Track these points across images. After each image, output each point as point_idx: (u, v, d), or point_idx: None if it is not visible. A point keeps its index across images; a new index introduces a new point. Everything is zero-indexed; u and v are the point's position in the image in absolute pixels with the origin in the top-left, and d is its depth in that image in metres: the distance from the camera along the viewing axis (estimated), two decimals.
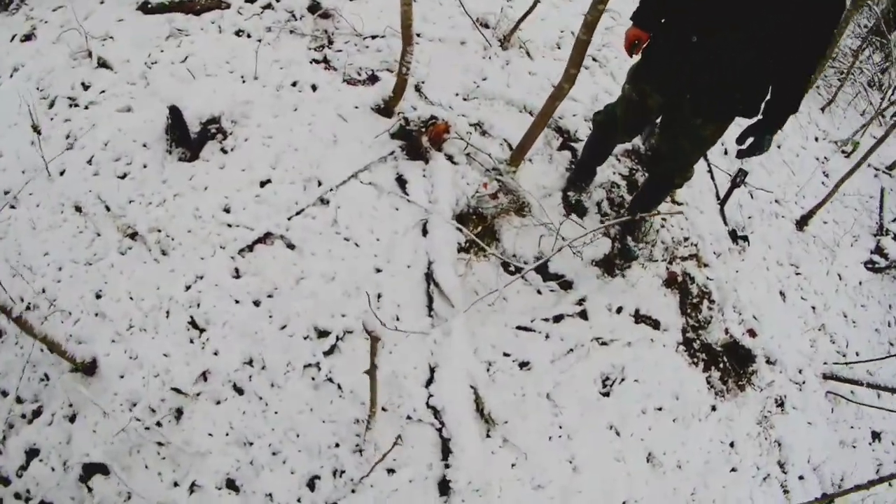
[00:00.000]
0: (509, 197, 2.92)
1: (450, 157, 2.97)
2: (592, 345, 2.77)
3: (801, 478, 3.07)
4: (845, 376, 3.28)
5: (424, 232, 2.70)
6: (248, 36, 3.21)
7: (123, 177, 2.66)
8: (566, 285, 2.88)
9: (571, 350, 2.72)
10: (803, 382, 3.26)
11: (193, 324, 2.35)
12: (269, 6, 3.36)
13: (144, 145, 2.74)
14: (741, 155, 2.28)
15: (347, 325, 2.40)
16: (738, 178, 3.55)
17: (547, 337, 2.72)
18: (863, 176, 4.49)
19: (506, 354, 2.62)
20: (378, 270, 2.57)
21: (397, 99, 2.92)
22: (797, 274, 3.68)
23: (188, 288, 2.41)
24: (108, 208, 2.57)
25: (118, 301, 2.36)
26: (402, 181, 2.83)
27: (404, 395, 2.35)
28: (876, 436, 3.51)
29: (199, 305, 2.38)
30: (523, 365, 2.62)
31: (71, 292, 2.37)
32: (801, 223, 3.90)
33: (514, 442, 2.41)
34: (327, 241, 2.57)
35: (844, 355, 3.58)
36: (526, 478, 2.37)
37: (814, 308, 3.62)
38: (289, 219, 2.59)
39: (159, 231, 2.50)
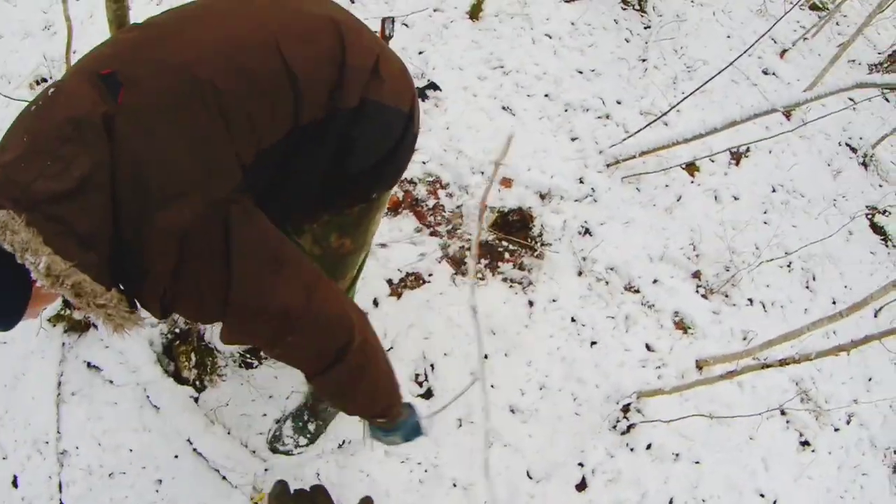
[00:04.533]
0: None
1: None
2: None
3: (655, 282, 3.62)
4: (629, 154, 3.78)
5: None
6: None
7: None
8: None
9: None
10: (592, 190, 3.73)
11: None
12: None
13: None
14: None
15: None
16: (388, 30, 3.67)
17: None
18: None
19: None
20: (159, 482, 2.62)
21: None
22: (506, 73, 4.06)
23: None
24: None
25: None
26: (95, 368, 2.83)
27: None
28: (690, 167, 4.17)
29: None
30: None
31: None
32: (474, 13, 4.24)
33: None
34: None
35: (608, 116, 4.12)
36: None
37: (547, 95, 4.06)
38: None
39: None
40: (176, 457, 2.64)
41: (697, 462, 3.22)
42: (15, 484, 2.59)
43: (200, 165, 1.52)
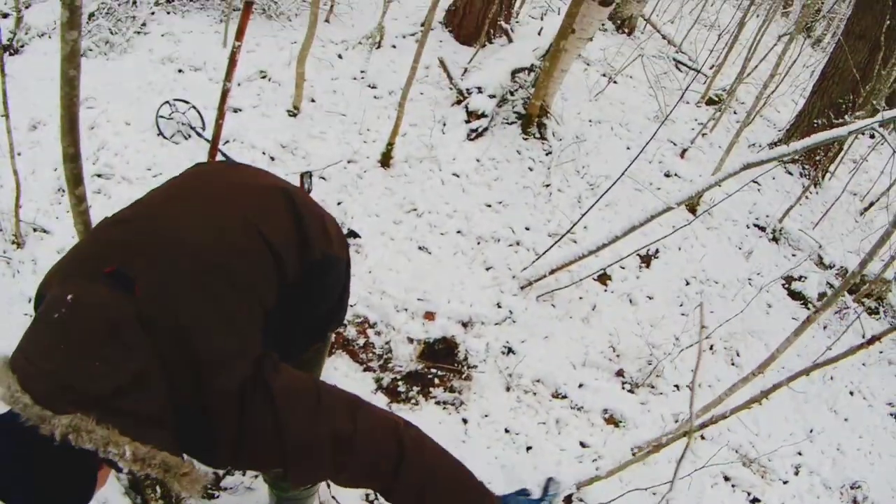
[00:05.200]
0: None
1: None
2: None
3: (580, 386, 4.09)
4: (540, 274, 4.33)
5: None
6: None
7: None
8: None
9: None
10: (510, 312, 4.25)
11: None
12: None
13: None
14: None
15: None
16: (307, 184, 4.18)
17: None
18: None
19: None
20: None
21: None
22: (419, 215, 4.64)
23: None
24: None
25: None
26: None
27: None
28: (604, 277, 4.72)
29: None
30: None
31: None
32: (385, 160, 4.87)
33: None
34: None
35: (519, 243, 4.69)
36: None
37: (460, 231, 4.63)
38: None
39: None
40: None
41: None
42: None
43: (235, 335, 1.74)
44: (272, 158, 4.83)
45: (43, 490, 1.53)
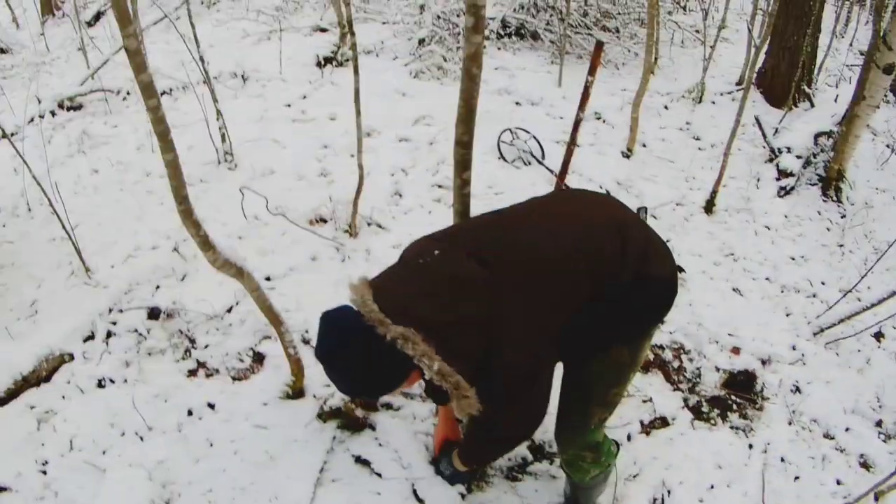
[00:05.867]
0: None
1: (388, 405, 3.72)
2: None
3: (847, 430, 4.95)
4: (835, 320, 5.20)
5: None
6: (112, 381, 3.73)
7: None
8: None
9: None
10: (802, 355, 5.16)
11: None
12: (109, 336, 3.93)
13: None
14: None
15: None
16: (642, 217, 4.84)
17: None
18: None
19: None
20: None
21: (300, 379, 3.55)
22: (735, 260, 5.60)
23: None
24: None
25: None
26: (363, 462, 3.37)
27: None
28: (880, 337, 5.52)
29: None
30: None
31: None
32: (708, 207, 5.82)
33: None
34: None
35: (815, 295, 5.56)
36: None
37: (768, 278, 5.56)
38: None
39: None
40: None
41: None
42: None
43: (540, 327, 2.09)
44: (608, 192, 5.67)
45: (364, 369, 1.89)
